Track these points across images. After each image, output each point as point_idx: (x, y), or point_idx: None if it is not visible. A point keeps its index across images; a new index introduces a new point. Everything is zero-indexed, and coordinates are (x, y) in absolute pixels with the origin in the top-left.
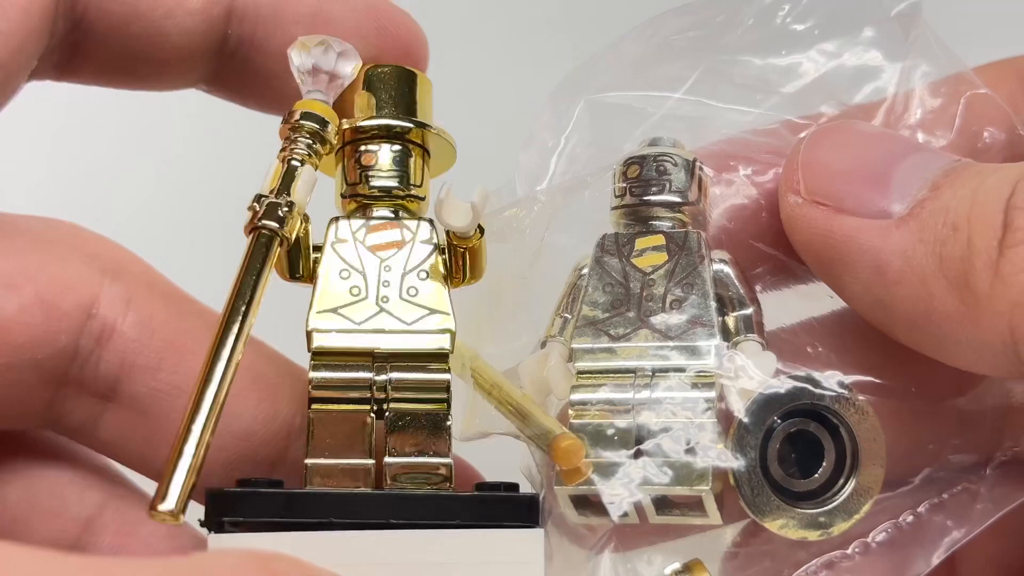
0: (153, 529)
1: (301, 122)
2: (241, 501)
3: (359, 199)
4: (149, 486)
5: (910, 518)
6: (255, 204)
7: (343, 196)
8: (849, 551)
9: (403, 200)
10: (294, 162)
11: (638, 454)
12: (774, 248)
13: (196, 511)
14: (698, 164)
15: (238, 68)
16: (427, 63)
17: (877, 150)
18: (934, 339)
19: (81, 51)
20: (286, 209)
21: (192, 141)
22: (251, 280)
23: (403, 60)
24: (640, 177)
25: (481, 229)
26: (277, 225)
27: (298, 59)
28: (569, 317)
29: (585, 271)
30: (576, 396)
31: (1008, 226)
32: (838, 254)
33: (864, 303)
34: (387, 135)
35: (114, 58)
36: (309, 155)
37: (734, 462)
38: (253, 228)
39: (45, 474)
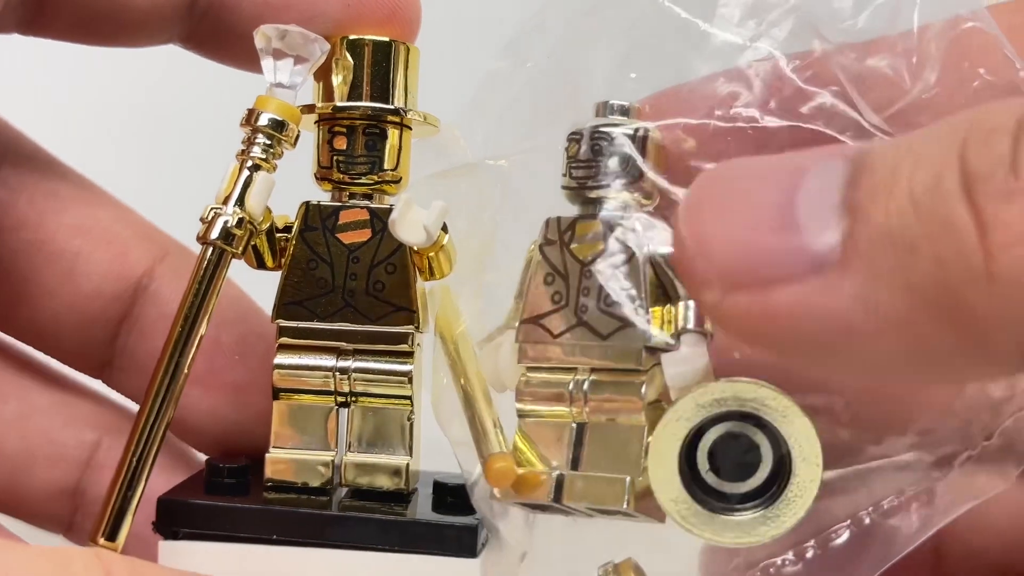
0: None
1: (259, 124)
2: (190, 513)
3: (332, 182)
4: None
5: (867, 520)
6: (206, 216)
7: (316, 177)
8: (794, 556)
9: (377, 185)
10: (249, 168)
11: (573, 466)
12: None
13: None
14: (645, 133)
15: (211, 27)
16: (416, 28)
17: (762, 195)
18: (942, 376)
19: (45, 9)
20: (235, 225)
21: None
22: (199, 297)
23: (388, 25)
24: (579, 156)
25: (444, 229)
26: (225, 243)
27: (261, 43)
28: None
29: None
30: (520, 388)
31: (984, 225)
32: (794, 335)
33: (857, 374)
34: (359, 117)
35: (79, 16)
36: (265, 159)
37: (659, 474)
38: (204, 242)
39: (38, 422)
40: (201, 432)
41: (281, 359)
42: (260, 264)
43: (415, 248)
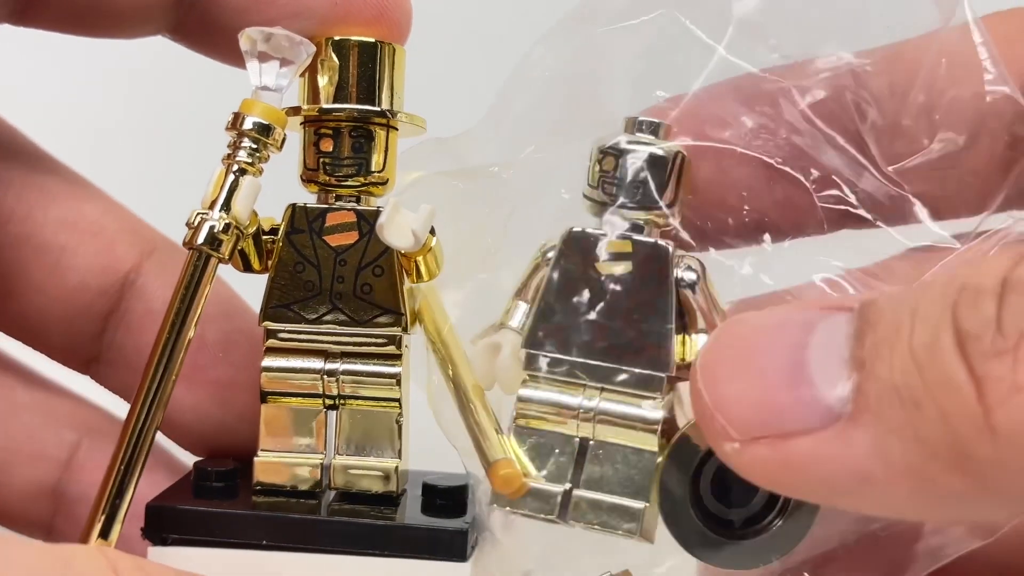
0: None
1: (244, 128)
2: (179, 519)
3: (318, 184)
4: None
5: (856, 548)
6: (192, 220)
7: (302, 179)
8: None
9: (364, 187)
10: (235, 172)
11: (575, 482)
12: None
13: None
14: (680, 158)
15: (199, 20)
16: (406, 29)
17: (774, 353)
18: (950, 517)
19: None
20: (222, 230)
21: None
22: (186, 301)
23: (376, 25)
24: (614, 174)
25: (432, 231)
26: (212, 248)
27: (246, 46)
28: (527, 305)
29: (551, 256)
30: (522, 395)
31: (979, 382)
32: (811, 483)
33: (870, 513)
34: (346, 119)
35: (69, 7)
36: (252, 163)
37: (668, 500)
38: (191, 247)
39: (20, 418)
40: (185, 429)
41: (269, 362)
42: (247, 267)
43: (403, 251)
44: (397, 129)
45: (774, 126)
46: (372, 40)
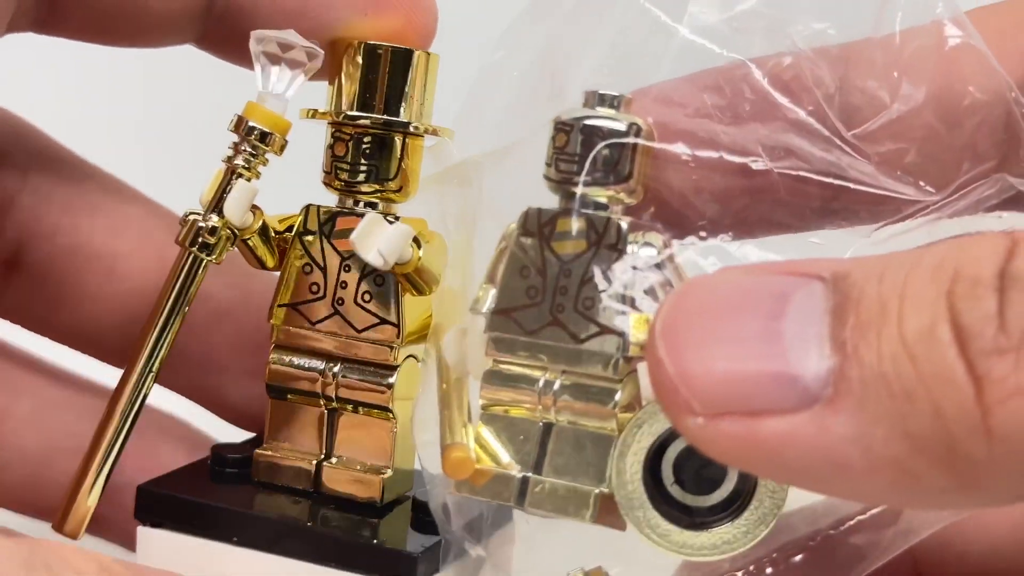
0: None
1: (244, 132)
2: (162, 506)
3: (334, 188)
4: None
5: (828, 537)
6: (185, 219)
7: (323, 182)
8: (754, 570)
9: (382, 193)
10: (231, 175)
11: (538, 467)
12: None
13: None
14: (639, 130)
15: (227, 31)
16: (431, 35)
17: (748, 321)
18: (928, 506)
19: (59, 8)
20: (209, 232)
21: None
22: (175, 300)
23: (404, 31)
24: (566, 149)
25: (419, 244)
26: (200, 250)
27: (255, 49)
28: (496, 290)
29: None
30: (486, 380)
31: (978, 381)
32: (781, 465)
33: (842, 498)
34: (357, 126)
35: (92, 16)
36: (248, 167)
37: (624, 486)
38: (181, 245)
39: (55, 416)
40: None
41: (274, 358)
42: (262, 265)
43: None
44: (421, 136)
45: (732, 111)
46: (405, 48)
